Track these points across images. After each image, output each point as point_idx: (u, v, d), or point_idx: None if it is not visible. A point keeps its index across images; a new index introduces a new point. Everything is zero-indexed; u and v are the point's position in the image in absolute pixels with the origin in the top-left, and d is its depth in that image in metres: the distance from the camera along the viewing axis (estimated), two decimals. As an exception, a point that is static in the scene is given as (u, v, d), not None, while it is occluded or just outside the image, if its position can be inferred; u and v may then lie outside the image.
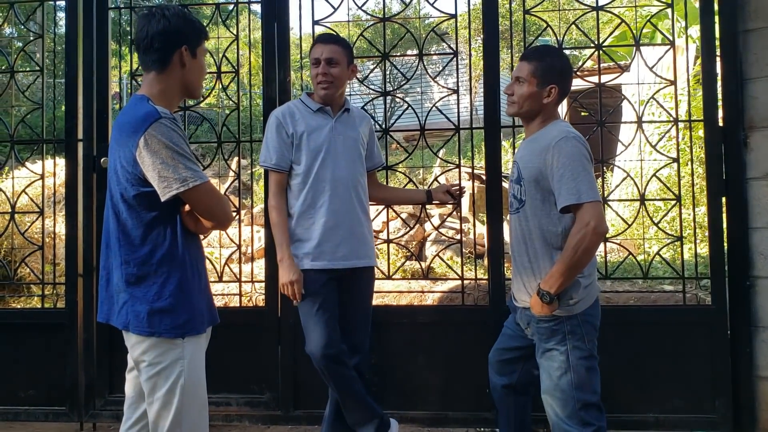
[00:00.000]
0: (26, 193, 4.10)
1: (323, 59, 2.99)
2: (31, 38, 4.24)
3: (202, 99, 4.30)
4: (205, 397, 2.22)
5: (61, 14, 4.14)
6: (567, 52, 3.05)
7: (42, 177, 4.01)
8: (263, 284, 3.83)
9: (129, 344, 2.20)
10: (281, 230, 2.96)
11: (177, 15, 2.19)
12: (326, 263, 2.97)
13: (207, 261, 4.13)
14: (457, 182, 3.58)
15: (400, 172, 4.44)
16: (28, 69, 4.51)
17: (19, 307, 5.02)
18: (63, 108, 3.92)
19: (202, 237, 2.36)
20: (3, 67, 4.62)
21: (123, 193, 2.10)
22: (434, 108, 3.87)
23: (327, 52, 2.99)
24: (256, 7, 3.93)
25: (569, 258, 2.43)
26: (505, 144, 8.79)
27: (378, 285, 4.46)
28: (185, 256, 2.14)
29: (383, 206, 3.85)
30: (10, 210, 4.02)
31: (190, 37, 2.19)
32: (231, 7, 3.99)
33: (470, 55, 3.88)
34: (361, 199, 3.08)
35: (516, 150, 2.89)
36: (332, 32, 3.55)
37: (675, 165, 3.70)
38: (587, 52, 3.96)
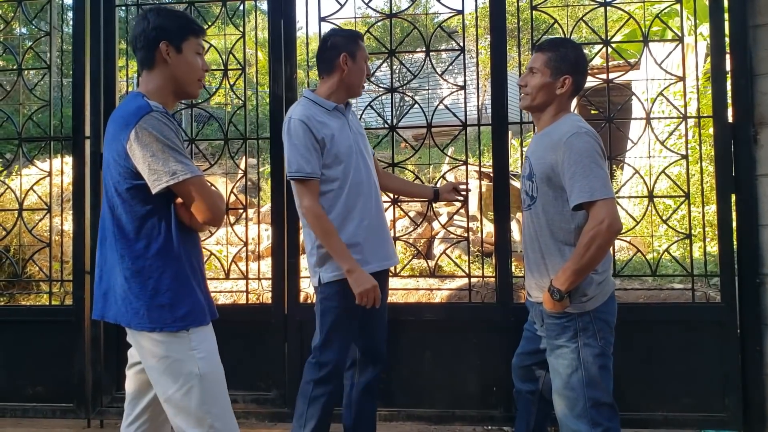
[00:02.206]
0: (34, 191, 4.12)
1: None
2: (40, 36, 4.25)
3: (209, 96, 4.30)
4: (225, 385, 2.21)
5: (70, 13, 4.14)
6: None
7: (50, 174, 4.03)
8: (270, 282, 3.83)
9: (133, 342, 2.20)
10: (336, 239, 2.75)
11: (158, 13, 2.21)
12: (375, 266, 2.87)
13: (215, 259, 4.16)
14: (464, 180, 3.56)
15: (408, 170, 4.43)
16: (36, 67, 4.53)
17: (27, 304, 5.04)
18: (71, 106, 3.92)
19: (201, 234, 2.35)
20: (12, 66, 4.62)
21: (116, 186, 2.11)
22: (442, 105, 3.86)
23: None
24: (264, 6, 3.93)
25: (582, 256, 2.39)
26: (514, 142, 8.78)
27: (385, 282, 4.46)
28: (180, 250, 2.13)
29: (390, 204, 3.85)
30: (18, 207, 4.04)
31: (171, 32, 2.19)
32: (238, 4, 3.99)
33: (478, 52, 3.84)
34: (380, 197, 3.06)
35: (528, 145, 2.86)
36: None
37: (684, 162, 3.68)
38: (595, 49, 3.93)
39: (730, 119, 3.50)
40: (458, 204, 3.95)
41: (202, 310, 2.16)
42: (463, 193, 3.40)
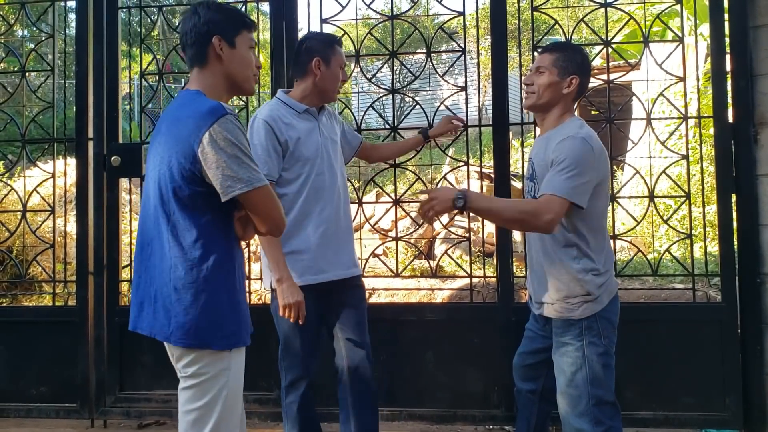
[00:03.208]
0: (37, 192, 4.14)
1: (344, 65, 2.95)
2: (42, 38, 4.27)
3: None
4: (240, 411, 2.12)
5: (73, 15, 4.17)
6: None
7: (53, 176, 4.05)
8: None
9: (172, 355, 2.07)
10: (276, 246, 2.70)
11: (208, 7, 2.11)
12: (330, 275, 2.83)
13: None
14: (465, 180, 3.57)
15: (410, 170, 4.44)
16: (39, 69, 4.55)
17: (30, 305, 5.06)
18: (74, 108, 3.95)
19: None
20: (14, 68, 4.64)
21: (177, 190, 1.96)
22: (443, 106, 3.88)
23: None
24: (266, 9, 3.95)
25: (509, 212, 2.49)
26: (515, 143, 8.80)
27: (387, 283, 4.46)
28: (236, 263, 2.05)
29: (392, 203, 3.86)
30: (21, 209, 4.06)
31: (223, 26, 2.10)
32: (240, 6, 4.01)
33: (478, 53, 3.86)
34: (347, 205, 2.99)
35: (531, 147, 2.88)
36: (336, 31, 3.57)
37: (685, 162, 3.69)
38: (596, 49, 3.95)
39: (731, 119, 3.51)
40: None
41: (247, 329, 2.09)
42: (459, 125, 3.41)
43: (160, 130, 2.09)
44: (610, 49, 3.77)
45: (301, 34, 3.86)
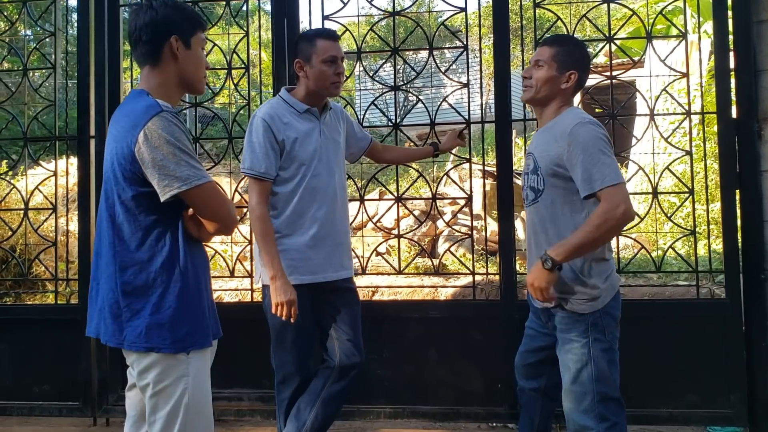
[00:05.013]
0: (40, 191, 4.14)
1: (340, 58, 2.87)
2: (44, 37, 4.28)
3: (213, 95, 4.31)
4: (212, 415, 2.08)
5: (74, 14, 4.17)
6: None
7: (55, 174, 4.05)
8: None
9: (128, 361, 2.06)
10: (271, 243, 2.70)
11: (164, 4, 2.05)
12: (319, 277, 2.81)
13: (220, 258, 4.16)
14: (468, 179, 3.56)
15: (413, 168, 4.44)
16: (41, 67, 4.55)
17: (33, 303, 5.06)
18: (76, 106, 3.94)
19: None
20: (16, 67, 4.64)
21: (120, 193, 1.95)
22: (445, 103, 3.87)
23: (341, 51, 2.87)
24: (268, 7, 3.95)
25: (588, 233, 2.35)
26: (518, 141, 8.78)
27: (390, 281, 4.46)
28: (187, 264, 1.98)
29: (394, 202, 3.85)
30: (24, 207, 4.06)
31: (181, 26, 2.05)
32: (241, 4, 4.01)
33: (481, 51, 3.85)
34: (345, 207, 2.97)
35: (530, 142, 2.85)
36: (338, 28, 3.56)
37: (689, 159, 3.68)
38: (599, 46, 3.94)
39: (734, 116, 3.50)
40: (462, 202, 3.95)
41: (204, 331, 2.02)
42: (463, 142, 3.47)
43: (109, 131, 2.06)
44: (613, 46, 3.75)
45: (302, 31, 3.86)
